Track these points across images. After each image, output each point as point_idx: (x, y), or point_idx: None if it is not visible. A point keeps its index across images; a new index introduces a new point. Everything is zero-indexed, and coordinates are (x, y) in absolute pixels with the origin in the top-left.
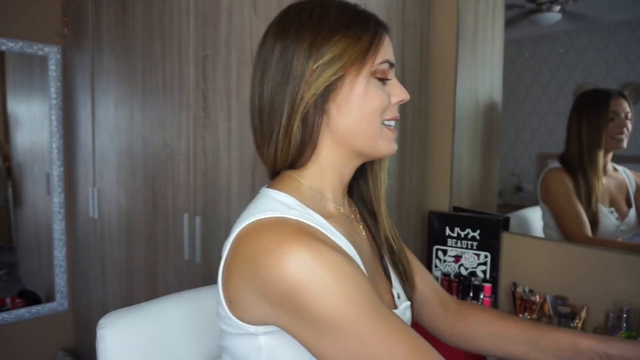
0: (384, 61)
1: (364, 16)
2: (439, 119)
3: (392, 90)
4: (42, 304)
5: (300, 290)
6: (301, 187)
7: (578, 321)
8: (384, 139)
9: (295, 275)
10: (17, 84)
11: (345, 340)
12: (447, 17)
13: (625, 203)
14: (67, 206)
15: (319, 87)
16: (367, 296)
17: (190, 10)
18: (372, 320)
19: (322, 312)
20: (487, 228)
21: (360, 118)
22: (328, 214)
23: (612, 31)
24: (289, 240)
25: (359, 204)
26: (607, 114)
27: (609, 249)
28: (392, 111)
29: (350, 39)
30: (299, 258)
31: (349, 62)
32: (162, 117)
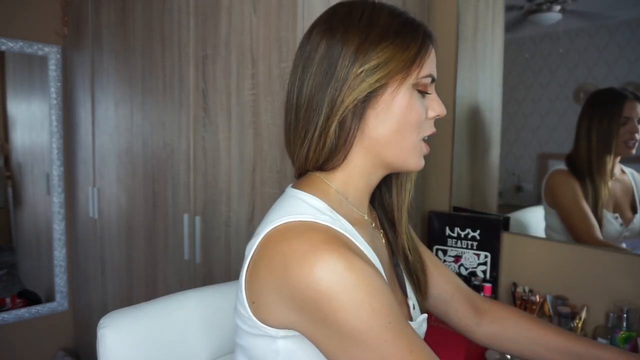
0: (427, 75)
1: (413, 25)
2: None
3: (430, 104)
4: (42, 304)
5: (330, 299)
6: (329, 190)
7: (578, 321)
8: (416, 154)
9: (327, 283)
10: (17, 84)
11: (368, 354)
12: (447, 17)
13: (630, 208)
14: (67, 206)
15: (361, 92)
16: (394, 313)
17: (190, 10)
18: (397, 338)
19: (349, 323)
20: (487, 228)
21: (396, 129)
22: (354, 220)
23: (612, 31)
24: (322, 248)
25: (380, 211)
26: (620, 118)
27: (609, 249)
28: (430, 126)
29: (398, 47)
30: (332, 267)
31: (394, 70)
32: (162, 117)
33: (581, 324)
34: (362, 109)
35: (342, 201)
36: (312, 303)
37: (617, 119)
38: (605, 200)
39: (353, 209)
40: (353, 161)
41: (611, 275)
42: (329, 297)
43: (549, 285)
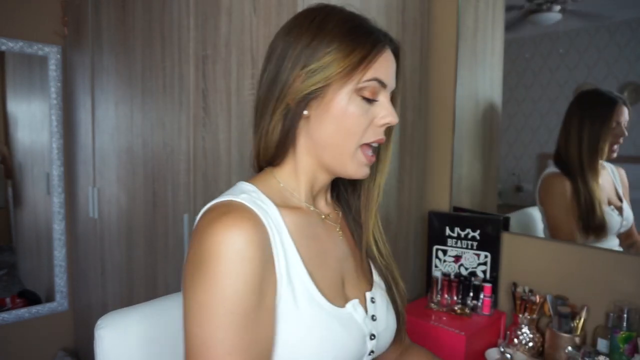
0: (372, 79)
1: (364, 30)
2: (439, 119)
3: (378, 111)
4: (42, 304)
5: (201, 262)
6: (271, 180)
7: (578, 321)
8: (355, 162)
9: (205, 246)
10: (17, 84)
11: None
12: (447, 17)
13: (616, 198)
14: (67, 206)
15: (299, 92)
16: (242, 304)
17: (190, 10)
18: (227, 329)
19: (200, 288)
20: (487, 228)
21: (333, 133)
22: (292, 205)
23: (612, 31)
24: (219, 219)
25: (345, 209)
26: (611, 123)
27: (609, 249)
28: (376, 133)
29: (341, 52)
30: (216, 235)
31: (335, 74)
32: (162, 117)
33: (581, 324)
34: (302, 109)
35: (282, 190)
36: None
37: (608, 123)
38: (601, 198)
39: (293, 198)
40: (299, 159)
41: (611, 275)
42: (202, 259)
43: (549, 285)
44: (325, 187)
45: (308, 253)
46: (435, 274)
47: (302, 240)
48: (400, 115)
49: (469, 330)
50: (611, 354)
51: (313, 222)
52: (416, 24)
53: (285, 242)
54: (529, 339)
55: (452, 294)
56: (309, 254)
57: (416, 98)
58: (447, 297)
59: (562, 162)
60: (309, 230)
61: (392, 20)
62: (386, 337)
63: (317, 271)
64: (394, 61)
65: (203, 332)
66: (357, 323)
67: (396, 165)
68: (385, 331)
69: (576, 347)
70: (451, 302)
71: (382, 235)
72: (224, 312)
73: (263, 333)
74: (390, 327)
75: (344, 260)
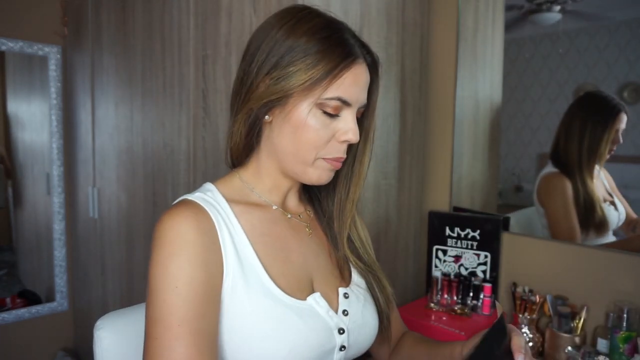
0: (334, 98)
1: (335, 42)
2: (439, 119)
3: (340, 126)
4: (42, 304)
5: (153, 247)
6: (235, 180)
7: (578, 321)
8: (317, 170)
9: (156, 234)
10: (17, 84)
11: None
12: (447, 17)
13: (607, 194)
14: (67, 206)
15: (261, 98)
16: (186, 285)
17: (190, 10)
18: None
19: (150, 271)
20: (487, 228)
21: (292, 142)
22: (252, 203)
23: (612, 31)
24: (170, 211)
25: (318, 211)
26: (613, 131)
27: (609, 249)
28: (336, 150)
29: (304, 64)
30: (166, 223)
31: (296, 86)
32: (162, 117)
33: (581, 324)
34: (264, 114)
35: (244, 189)
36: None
37: (610, 130)
38: (599, 197)
39: (255, 196)
40: (262, 161)
41: (611, 275)
42: (153, 245)
43: (549, 285)
44: (294, 187)
45: (264, 249)
46: (435, 274)
47: (259, 237)
48: (400, 115)
49: (469, 330)
50: (611, 354)
51: (274, 220)
52: (416, 24)
53: (237, 238)
54: (528, 339)
55: (452, 294)
56: (266, 249)
57: (416, 98)
58: (447, 297)
59: (560, 161)
60: (268, 227)
61: (392, 20)
62: (364, 334)
63: (275, 266)
64: (367, 76)
65: (154, 310)
66: (318, 315)
67: (396, 165)
68: (361, 328)
69: (576, 347)
70: (451, 302)
71: (364, 243)
72: (170, 287)
73: (211, 307)
74: (369, 325)
75: (314, 257)
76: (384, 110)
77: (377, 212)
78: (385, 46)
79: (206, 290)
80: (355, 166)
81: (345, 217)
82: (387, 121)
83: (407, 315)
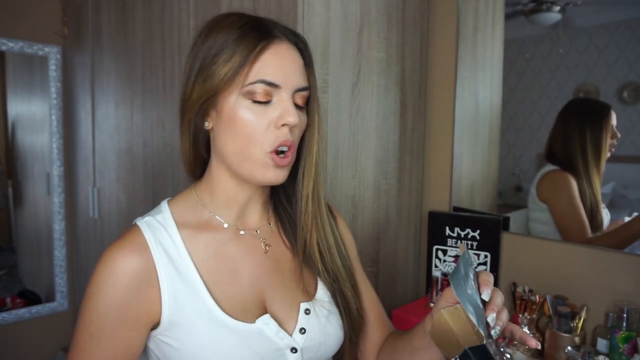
0: (257, 81)
1: (248, 28)
2: (439, 119)
3: (274, 113)
4: (42, 304)
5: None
6: (190, 197)
7: (578, 321)
8: (263, 167)
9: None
10: (17, 84)
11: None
12: (447, 17)
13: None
14: (67, 206)
15: (193, 106)
16: (97, 319)
17: (190, 10)
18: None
19: (81, 303)
20: (487, 228)
21: (232, 141)
22: (202, 224)
23: (612, 31)
24: (110, 248)
25: (284, 221)
26: (609, 128)
27: (609, 249)
28: (277, 136)
29: (222, 57)
30: (100, 263)
31: (218, 82)
32: (162, 117)
33: (581, 323)
34: (202, 122)
35: (197, 207)
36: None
37: (607, 127)
38: (600, 199)
39: (207, 214)
40: (213, 172)
41: (611, 275)
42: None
43: (548, 285)
44: (255, 199)
45: (210, 272)
46: (435, 274)
47: (205, 261)
48: (400, 115)
49: None
50: (611, 354)
51: (224, 241)
52: (416, 24)
53: (182, 265)
54: None
55: None
56: (212, 273)
57: (416, 98)
58: None
59: (559, 160)
60: (215, 249)
61: (392, 20)
62: (323, 352)
63: (221, 289)
64: (295, 56)
65: (73, 340)
66: (267, 338)
67: (396, 165)
68: (321, 345)
69: (576, 347)
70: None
71: (331, 249)
72: (85, 325)
73: (121, 346)
74: (330, 342)
75: (267, 275)
76: (384, 110)
77: (377, 212)
78: (385, 46)
79: (118, 331)
80: (304, 158)
81: (302, 217)
82: (387, 121)
83: (407, 315)
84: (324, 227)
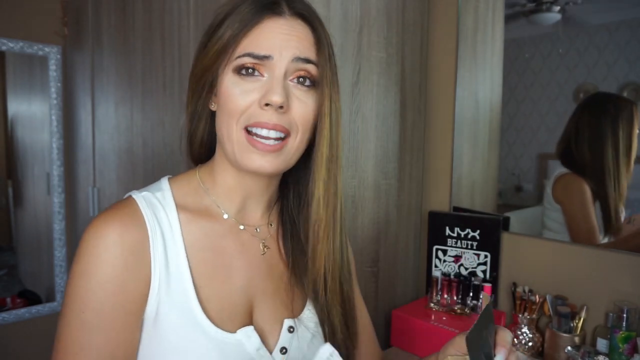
0: (244, 54)
1: (247, 2)
2: (439, 118)
3: (259, 87)
4: (42, 304)
5: (74, 257)
6: (193, 179)
7: (578, 321)
8: (243, 149)
9: (81, 240)
10: (17, 84)
11: (60, 316)
12: (447, 17)
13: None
14: (67, 206)
15: (195, 81)
16: (92, 303)
17: (190, 10)
18: (74, 330)
19: (68, 280)
20: (487, 228)
21: (220, 121)
22: (202, 210)
23: (612, 31)
24: (102, 215)
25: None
26: (637, 124)
27: (609, 249)
28: (258, 114)
29: (218, 34)
30: (91, 231)
31: (213, 57)
32: (162, 117)
33: (581, 323)
34: (206, 102)
35: (200, 191)
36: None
37: (636, 124)
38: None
39: (209, 201)
40: (216, 157)
41: (611, 275)
42: (75, 254)
43: (548, 285)
44: (257, 194)
45: (203, 266)
46: (435, 274)
47: (200, 252)
48: (400, 115)
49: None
50: (611, 354)
51: (223, 233)
52: (416, 24)
53: (174, 253)
54: (528, 338)
55: (452, 294)
56: (205, 267)
57: (416, 98)
58: (447, 297)
59: (574, 162)
60: (212, 241)
61: (392, 20)
62: None
63: (210, 287)
64: (299, 31)
65: (60, 330)
66: (245, 353)
67: (396, 165)
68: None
69: (576, 347)
70: (451, 302)
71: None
72: (76, 311)
73: (122, 335)
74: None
75: (261, 279)
76: (384, 110)
77: (377, 212)
78: (385, 46)
79: (118, 317)
80: (314, 159)
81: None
82: (387, 121)
83: (407, 315)
84: (334, 241)
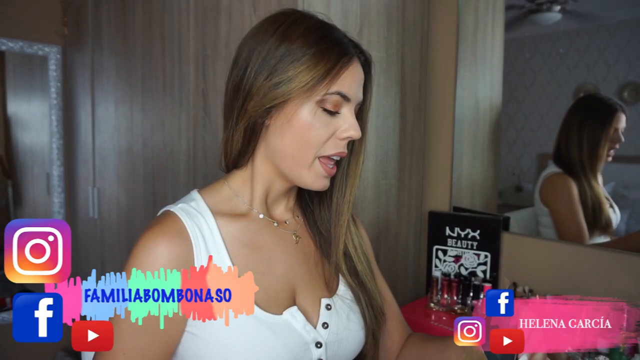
0: (335, 92)
1: (331, 42)
2: (439, 119)
3: (341, 124)
4: None
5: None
6: (223, 188)
7: None
8: (312, 174)
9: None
10: (17, 84)
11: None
12: (447, 17)
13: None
14: (67, 206)
15: (261, 105)
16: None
17: (190, 10)
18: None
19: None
20: (487, 228)
21: (292, 144)
22: (237, 213)
23: (612, 31)
24: (148, 231)
25: (309, 218)
26: (610, 130)
27: (609, 249)
28: (336, 146)
29: (304, 65)
30: (138, 245)
31: (298, 88)
32: (162, 117)
33: None
34: (263, 119)
35: (231, 197)
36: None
37: (608, 129)
38: (604, 199)
39: (243, 205)
40: (256, 165)
41: (611, 275)
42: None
43: (549, 285)
44: (284, 193)
45: (244, 261)
46: (435, 274)
47: (240, 249)
48: (400, 115)
49: None
50: (611, 354)
51: (259, 230)
52: (416, 24)
53: (216, 253)
54: None
55: (452, 294)
56: (246, 262)
57: (416, 98)
58: (447, 297)
59: (563, 161)
60: (251, 238)
61: (392, 20)
62: (345, 347)
63: (256, 279)
64: (362, 74)
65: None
66: (294, 330)
67: (396, 165)
68: (342, 340)
69: None
70: (451, 302)
71: (357, 251)
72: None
73: (163, 339)
74: (352, 338)
75: (299, 266)
76: (384, 110)
77: (377, 212)
78: (385, 46)
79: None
80: (350, 166)
81: (342, 220)
82: (387, 121)
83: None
84: (349, 228)
